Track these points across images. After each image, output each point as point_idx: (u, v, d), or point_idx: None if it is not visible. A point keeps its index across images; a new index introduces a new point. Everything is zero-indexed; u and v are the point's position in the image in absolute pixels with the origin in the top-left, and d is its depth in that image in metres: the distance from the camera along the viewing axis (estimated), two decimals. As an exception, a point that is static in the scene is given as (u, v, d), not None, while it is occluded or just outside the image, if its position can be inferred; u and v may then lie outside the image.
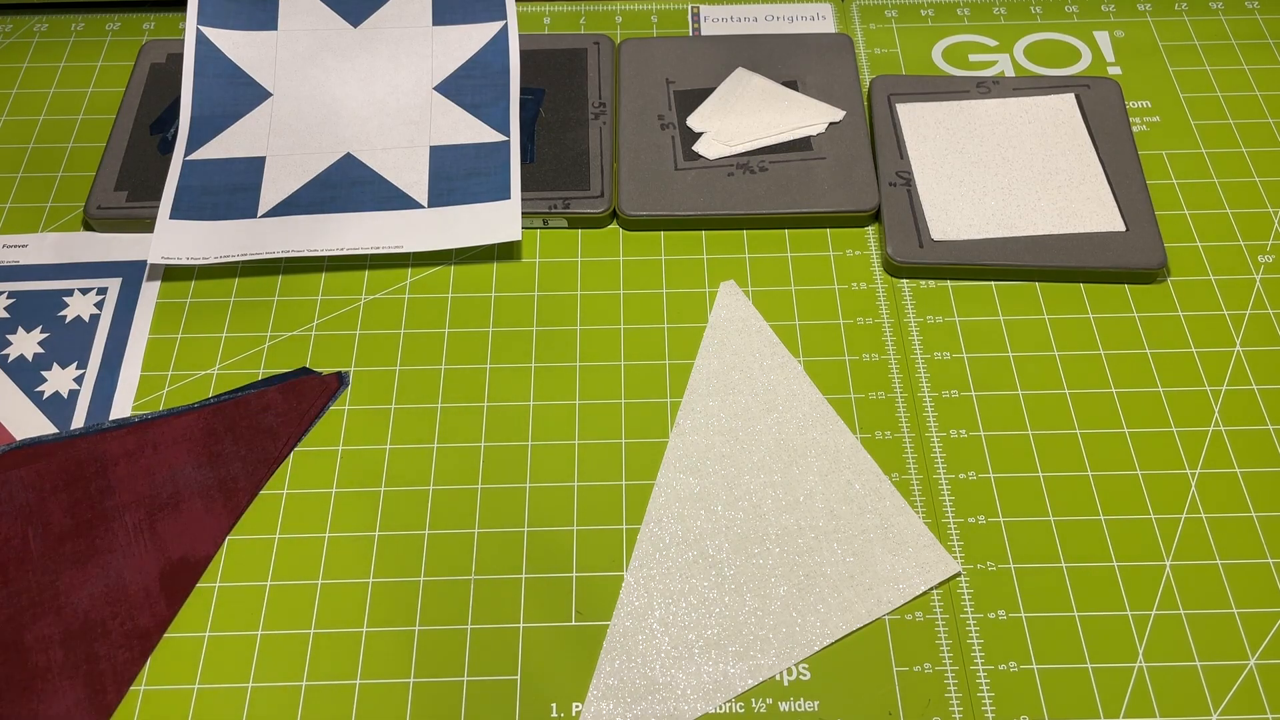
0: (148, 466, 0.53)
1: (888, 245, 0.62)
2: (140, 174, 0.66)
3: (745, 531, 0.53)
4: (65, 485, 0.52)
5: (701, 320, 0.60)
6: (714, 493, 0.54)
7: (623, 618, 0.51)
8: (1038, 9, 0.75)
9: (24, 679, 0.47)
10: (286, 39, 0.70)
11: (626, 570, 0.52)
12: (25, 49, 0.74)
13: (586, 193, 0.64)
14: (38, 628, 0.48)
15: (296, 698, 0.49)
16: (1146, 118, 0.69)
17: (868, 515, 0.53)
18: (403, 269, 0.63)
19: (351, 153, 0.66)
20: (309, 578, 0.52)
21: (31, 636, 0.48)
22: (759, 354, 0.58)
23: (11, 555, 0.50)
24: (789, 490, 0.54)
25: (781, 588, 0.51)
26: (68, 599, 0.49)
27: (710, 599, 0.51)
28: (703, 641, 0.50)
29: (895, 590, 0.51)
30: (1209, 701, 0.48)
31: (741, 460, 0.55)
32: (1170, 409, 0.57)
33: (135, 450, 0.54)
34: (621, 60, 0.71)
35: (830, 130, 0.67)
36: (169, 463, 0.53)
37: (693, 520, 0.53)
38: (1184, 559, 0.52)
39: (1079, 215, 0.63)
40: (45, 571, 0.50)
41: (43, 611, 0.49)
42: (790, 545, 0.52)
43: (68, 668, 0.48)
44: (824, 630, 0.50)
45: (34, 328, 0.60)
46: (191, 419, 0.55)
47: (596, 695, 0.48)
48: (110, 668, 0.48)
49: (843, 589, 0.51)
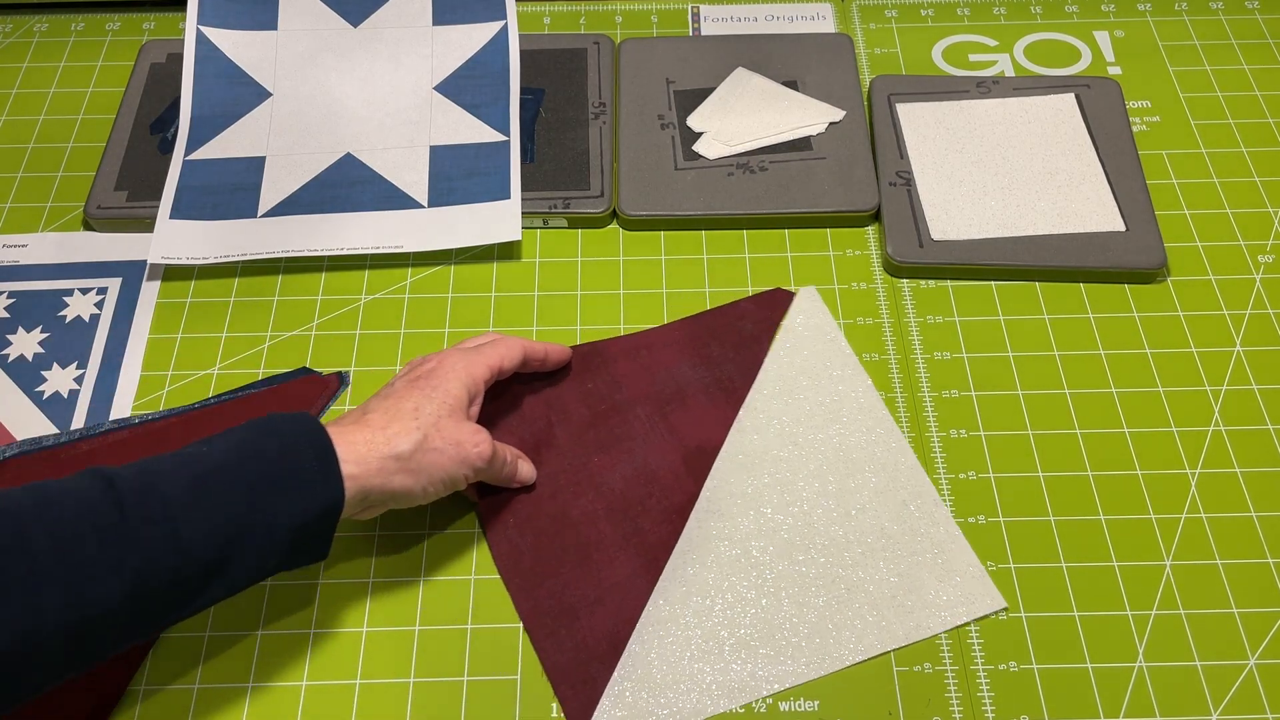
0: (646, 365, 0.57)
1: (888, 245, 0.62)
2: (140, 174, 0.66)
3: (792, 537, 0.52)
4: (575, 375, 0.57)
5: (701, 320, 0.60)
6: (765, 494, 0.54)
7: (659, 604, 0.50)
8: (1038, 9, 0.75)
9: (580, 548, 0.52)
10: (286, 39, 0.70)
11: (673, 554, 0.52)
12: (25, 49, 0.74)
13: (586, 193, 0.64)
14: (581, 503, 0.53)
15: (297, 698, 0.49)
16: (1146, 118, 0.69)
17: (919, 538, 0.52)
18: (403, 269, 0.63)
19: (351, 153, 0.66)
20: (309, 578, 0.52)
21: (578, 511, 0.53)
22: (830, 363, 0.57)
23: (543, 439, 0.55)
24: (842, 502, 0.53)
25: (820, 598, 0.50)
26: (603, 479, 0.54)
27: (747, 599, 0.51)
28: (734, 640, 0.49)
29: (937, 618, 0.50)
30: (1209, 701, 0.48)
31: (798, 466, 0.54)
32: (1170, 409, 0.57)
33: (632, 350, 0.58)
34: (621, 60, 0.71)
35: (830, 130, 0.67)
36: (665, 363, 0.58)
37: (740, 518, 0.53)
38: (1184, 559, 0.52)
39: (1079, 215, 0.63)
40: (575, 456, 0.55)
41: (582, 490, 0.54)
42: (836, 557, 0.52)
43: (618, 539, 0.52)
44: (858, 646, 0.49)
45: (34, 328, 0.60)
46: (675, 328, 0.59)
47: (620, 677, 0.48)
48: (656, 539, 0.52)
49: (883, 608, 0.50)
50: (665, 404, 0.56)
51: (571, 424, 0.56)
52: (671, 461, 0.54)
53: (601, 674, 0.48)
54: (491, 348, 0.52)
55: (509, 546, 0.52)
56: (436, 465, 0.47)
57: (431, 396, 0.48)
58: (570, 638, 0.49)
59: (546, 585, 0.51)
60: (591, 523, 0.53)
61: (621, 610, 0.50)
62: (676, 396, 0.56)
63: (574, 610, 0.50)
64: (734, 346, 0.58)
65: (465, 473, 0.48)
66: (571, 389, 0.57)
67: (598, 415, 0.56)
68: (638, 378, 0.57)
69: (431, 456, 0.46)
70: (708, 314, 0.60)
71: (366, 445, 0.45)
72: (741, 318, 0.59)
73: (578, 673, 0.48)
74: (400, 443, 0.46)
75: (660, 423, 0.56)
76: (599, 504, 0.53)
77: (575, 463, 0.54)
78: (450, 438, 0.47)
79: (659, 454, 0.55)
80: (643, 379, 0.57)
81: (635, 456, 0.55)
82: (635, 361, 0.58)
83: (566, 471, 0.54)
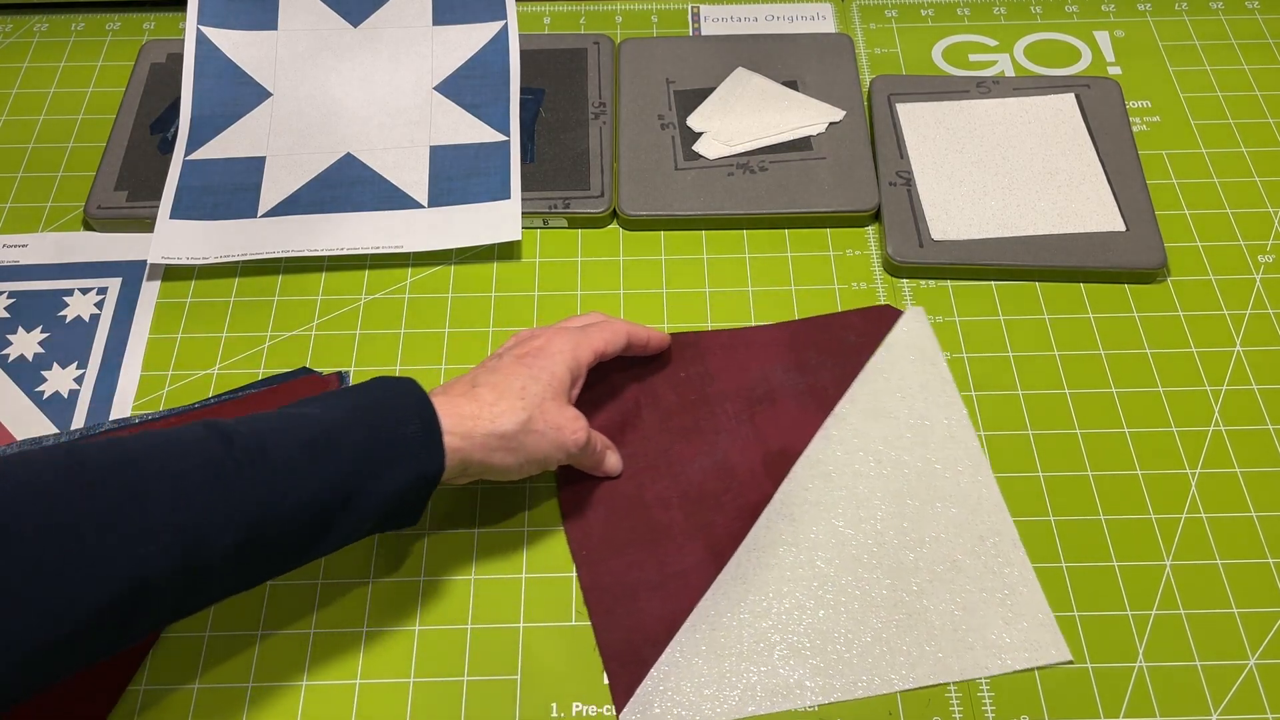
0: (741, 361, 0.57)
1: (888, 245, 0.62)
2: (140, 174, 0.66)
3: (859, 554, 0.51)
4: (669, 363, 0.58)
5: (702, 320, 0.60)
6: (839, 507, 0.53)
7: (717, 598, 0.50)
8: (1038, 9, 0.75)
9: (650, 531, 0.52)
10: (286, 39, 0.70)
11: (737, 551, 0.52)
12: (25, 49, 0.74)
13: (586, 193, 0.64)
14: (657, 488, 0.54)
15: (297, 698, 0.49)
16: (1146, 118, 0.69)
17: (991, 576, 0.51)
18: (403, 269, 0.63)
19: (351, 152, 0.66)
20: (309, 578, 0.52)
21: (652, 495, 0.53)
22: (927, 387, 0.57)
23: (630, 420, 0.56)
24: (916, 527, 0.52)
25: (879, 619, 0.50)
26: (681, 468, 0.54)
27: (805, 607, 0.50)
28: (785, 646, 0.49)
29: (996, 659, 0.49)
30: (1209, 701, 0.48)
31: (877, 484, 0.54)
32: (1170, 409, 0.57)
33: (729, 345, 0.58)
34: (621, 60, 0.71)
35: (830, 130, 0.67)
36: (760, 362, 0.57)
37: (811, 526, 0.52)
38: (1184, 559, 0.52)
39: (1079, 215, 0.63)
40: (658, 441, 0.55)
41: (659, 475, 0.54)
42: (902, 582, 0.51)
43: (689, 529, 0.52)
44: (910, 674, 0.48)
45: (34, 328, 0.60)
46: (780, 328, 0.59)
47: (667, 662, 0.48)
48: (726, 535, 0.52)
49: (941, 640, 0.49)
50: (754, 402, 0.56)
51: (659, 409, 0.56)
52: (751, 460, 0.54)
53: (651, 656, 0.49)
54: (598, 330, 0.53)
55: (581, 517, 0.53)
56: (536, 447, 0.48)
57: (539, 377, 0.49)
58: (627, 617, 0.50)
59: (611, 562, 0.52)
60: (664, 508, 0.53)
61: (680, 598, 0.50)
62: (767, 397, 0.56)
63: (634, 591, 0.51)
64: (832, 356, 0.58)
65: (560, 456, 0.49)
66: (664, 375, 0.57)
67: (686, 404, 0.56)
68: (731, 373, 0.57)
69: (533, 439, 0.48)
70: (811, 320, 0.60)
71: (474, 420, 0.46)
72: (846, 329, 0.59)
73: (629, 652, 0.49)
74: (505, 421, 0.47)
75: (746, 420, 0.56)
76: (674, 491, 0.54)
77: (657, 447, 0.55)
78: (552, 421, 0.48)
79: (740, 451, 0.55)
80: (736, 374, 0.57)
81: (716, 450, 0.55)
82: (731, 356, 0.58)
83: (647, 455, 0.55)
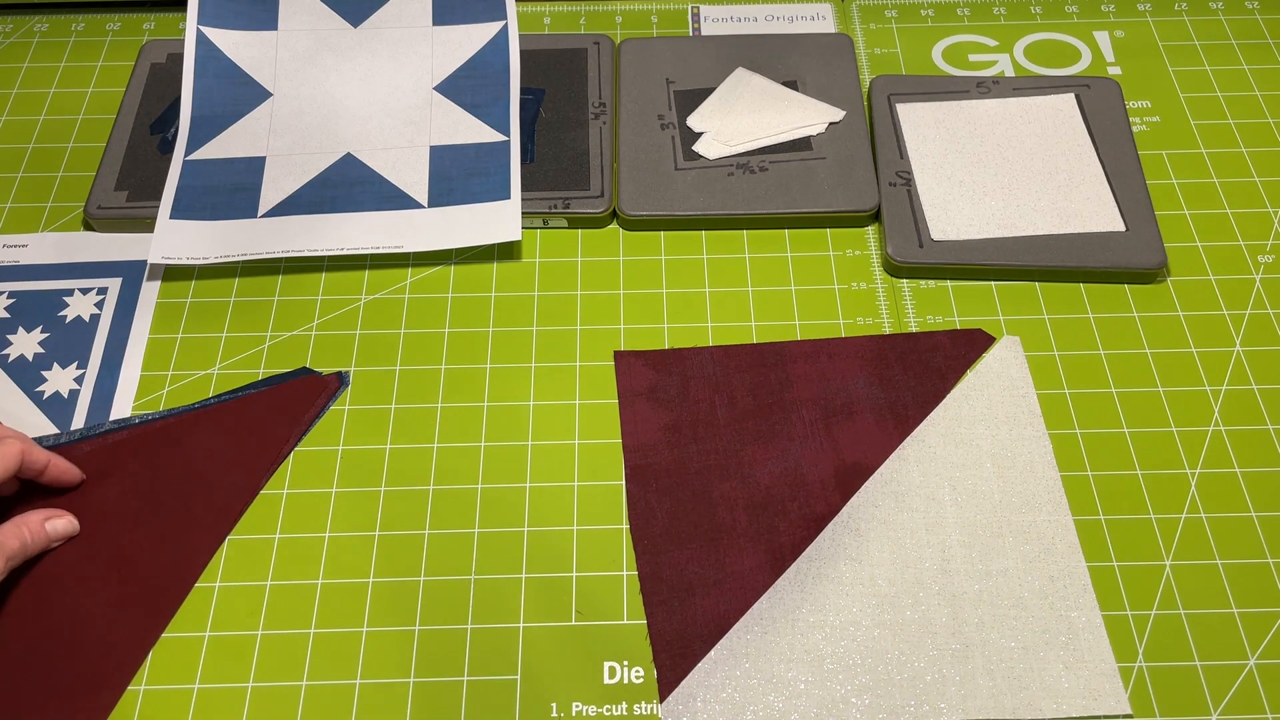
0: (822, 371, 0.57)
1: (888, 245, 0.62)
2: (140, 174, 0.66)
3: (922, 578, 0.51)
4: (749, 368, 0.58)
5: (702, 320, 0.60)
6: (908, 529, 0.52)
7: (772, 603, 0.50)
8: (1038, 9, 0.75)
9: (712, 529, 0.53)
10: (286, 39, 0.70)
11: (798, 560, 0.51)
12: (25, 49, 0.74)
13: (586, 193, 0.64)
14: (724, 487, 0.54)
15: (296, 698, 0.49)
16: (1146, 118, 0.69)
17: (1057, 618, 0.50)
18: (403, 269, 0.63)
19: (352, 153, 0.66)
20: (309, 577, 0.52)
21: (719, 494, 0.54)
22: (1014, 418, 0.56)
23: (703, 418, 0.56)
24: (985, 559, 0.51)
25: (934, 646, 0.49)
26: (750, 471, 0.54)
27: (860, 624, 0.50)
28: (834, 659, 0.49)
29: (1051, 703, 0.48)
30: (1209, 701, 0.48)
31: (949, 510, 0.53)
32: (1170, 409, 0.57)
33: (812, 354, 0.58)
34: (621, 60, 0.71)
35: (830, 130, 0.67)
36: (841, 374, 0.57)
37: (876, 544, 0.52)
38: (1184, 559, 0.52)
39: (1079, 215, 0.63)
40: (730, 440, 0.55)
41: (728, 475, 0.54)
42: (962, 612, 0.50)
43: (751, 532, 0.52)
44: (961, 706, 0.48)
45: (34, 328, 0.60)
46: (865, 342, 0.59)
47: (714, 659, 0.48)
48: (789, 542, 0.52)
49: (997, 677, 0.48)
50: (832, 413, 0.56)
51: (734, 409, 0.56)
52: (823, 470, 0.54)
53: (700, 651, 0.49)
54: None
55: (645, 507, 0.53)
56: None
57: None
58: (681, 611, 0.50)
59: (671, 555, 0.52)
60: (729, 509, 0.53)
61: (735, 599, 0.50)
62: (844, 409, 0.56)
63: (691, 587, 0.51)
64: (917, 375, 0.57)
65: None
66: (742, 377, 0.57)
67: (762, 407, 0.56)
68: (810, 381, 0.57)
69: None
70: (898, 337, 0.59)
71: None
72: (934, 350, 0.58)
73: (679, 645, 0.49)
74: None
75: (822, 430, 0.55)
76: (741, 493, 0.54)
77: (728, 446, 0.55)
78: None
79: (812, 460, 0.54)
80: (815, 383, 0.57)
81: (788, 456, 0.55)
82: (812, 365, 0.58)
83: (717, 453, 0.55)
